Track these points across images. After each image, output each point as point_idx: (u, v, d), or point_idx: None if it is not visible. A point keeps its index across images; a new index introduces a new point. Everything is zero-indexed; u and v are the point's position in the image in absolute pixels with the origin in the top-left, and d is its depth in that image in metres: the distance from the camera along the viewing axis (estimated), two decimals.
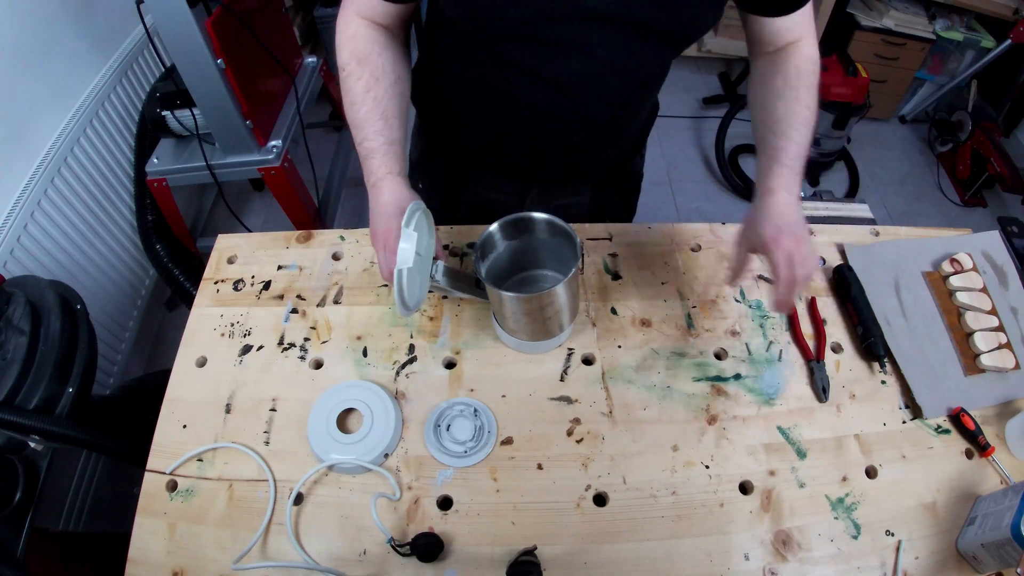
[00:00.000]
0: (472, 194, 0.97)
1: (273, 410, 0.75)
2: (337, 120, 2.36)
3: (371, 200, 0.70)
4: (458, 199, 0.97)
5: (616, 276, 0.88)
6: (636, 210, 1.11)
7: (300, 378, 0.78)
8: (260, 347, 0.80)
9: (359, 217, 2.28)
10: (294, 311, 0.84)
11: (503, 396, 0.76)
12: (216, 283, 0.87)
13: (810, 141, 0.71)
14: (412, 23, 0.80)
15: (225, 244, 0.92)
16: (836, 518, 0.68)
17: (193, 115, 1.52)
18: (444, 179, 0.95)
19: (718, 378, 0.78)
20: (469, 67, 0.80)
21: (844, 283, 0.86)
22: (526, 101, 0.78)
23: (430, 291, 0.81)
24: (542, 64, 0.72)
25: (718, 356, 0.81)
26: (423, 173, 0.99)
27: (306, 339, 0.81)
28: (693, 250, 0.92)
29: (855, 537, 0.67)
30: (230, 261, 0.90)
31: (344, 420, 0.73)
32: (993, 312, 0.83)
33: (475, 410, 0.73)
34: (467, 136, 0.90)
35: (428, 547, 0.63)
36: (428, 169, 0.88)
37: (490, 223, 0.73)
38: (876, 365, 0.81)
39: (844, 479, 0.71)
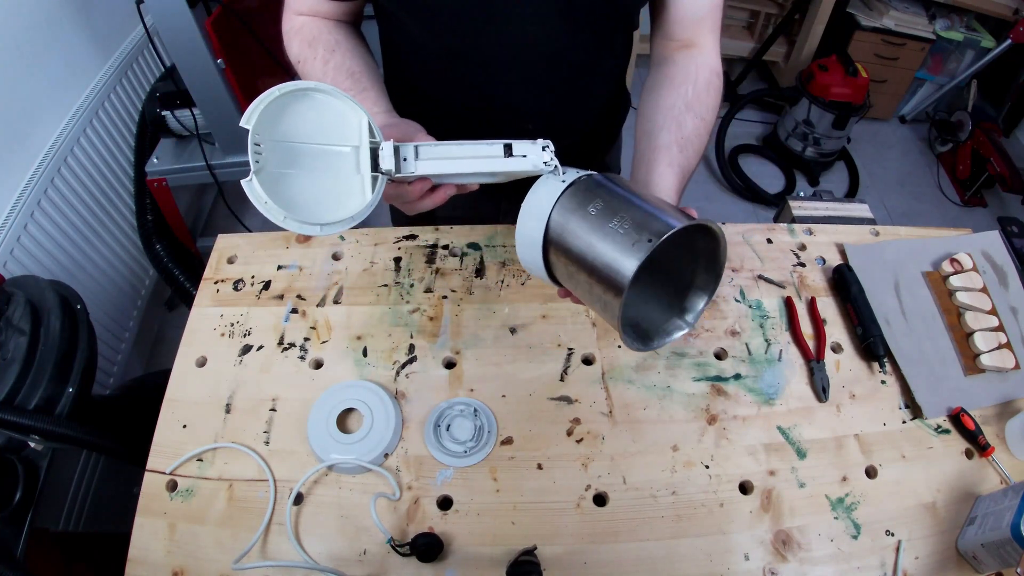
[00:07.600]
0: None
1: (273, 410, 0.75)
2: None
3: None
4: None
5: None
6: None
7: (300, 378, 0.77)
8: (260, 347, 0.80)
9: None
10: (294, 311, 0.84)
11: (503, 396, 0.76)
12: (216, 283, 0.87)
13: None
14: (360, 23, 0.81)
15: (225, 244, 0.92)
16: (836, 518, 0.68)
17: (193, 115, 1.52)
18: None
19: (718, 378, 0.78)
20: (420, 63, 0.80)
21: (844, 283, 0.86)
22: (475, 94, 0.78)
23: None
24: (478, 46, 0.71)
25: (718, 356, 0.81)
26: None
27: (306, 339, 0.81)
28: None
29: (855, 537, 0.67)
30: (230, 261, 0.90)
31: (344, 420, 0.73)
32: (993, 312, 0.83)
33: (475, 410, 0.73)
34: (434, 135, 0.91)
35: (428, 547, 0.63)
36: None
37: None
38: (876, 365, 0.81)
39: (844, 479, 0.71)
